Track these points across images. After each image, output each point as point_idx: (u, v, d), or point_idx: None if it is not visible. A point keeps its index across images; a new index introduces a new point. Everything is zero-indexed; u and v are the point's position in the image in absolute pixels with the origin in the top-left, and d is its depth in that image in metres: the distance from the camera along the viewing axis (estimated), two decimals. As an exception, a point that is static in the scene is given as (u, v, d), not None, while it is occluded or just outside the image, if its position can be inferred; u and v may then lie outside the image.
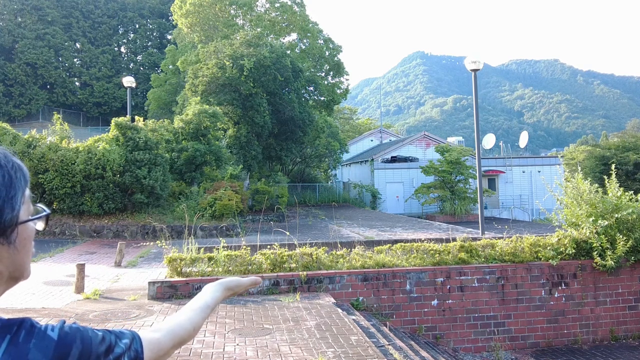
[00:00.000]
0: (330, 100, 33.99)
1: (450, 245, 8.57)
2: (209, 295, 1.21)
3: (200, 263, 7.71)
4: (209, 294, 1.21)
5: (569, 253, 8.61)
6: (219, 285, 1.25)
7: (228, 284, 1.27)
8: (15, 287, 3.44)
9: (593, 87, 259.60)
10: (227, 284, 1.26)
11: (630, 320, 8.78)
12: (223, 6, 32.54)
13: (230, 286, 1.27)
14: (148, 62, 48.09)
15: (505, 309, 8.33)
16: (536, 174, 33.03)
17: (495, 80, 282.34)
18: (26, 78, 41.97)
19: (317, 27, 33.85)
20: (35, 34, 42.58)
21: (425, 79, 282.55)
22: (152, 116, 30.15)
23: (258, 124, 24.75)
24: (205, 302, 1.18)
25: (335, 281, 7.73)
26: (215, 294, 1.22)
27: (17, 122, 38.45)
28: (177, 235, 14.88)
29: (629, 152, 26.97)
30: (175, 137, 19.95)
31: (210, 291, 1.22)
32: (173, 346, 1.04)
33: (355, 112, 66.20)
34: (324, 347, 5.14)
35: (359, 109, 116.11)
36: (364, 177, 35.13)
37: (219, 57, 24.56)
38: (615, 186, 9.19)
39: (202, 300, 1.18)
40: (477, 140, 15.00)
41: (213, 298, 1.20)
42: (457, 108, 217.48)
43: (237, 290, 1.29)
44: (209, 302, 1.18)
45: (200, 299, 1.19)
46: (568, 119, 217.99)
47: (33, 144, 16.62)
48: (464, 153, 27.09)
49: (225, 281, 1.27)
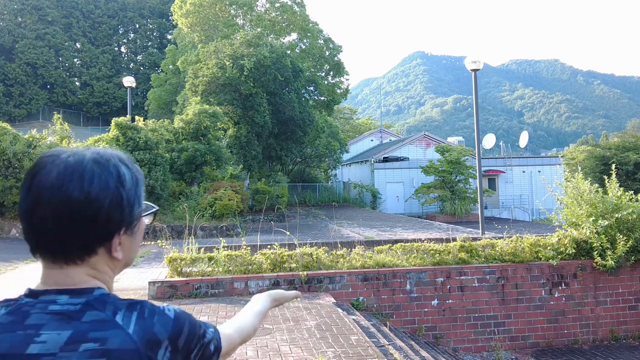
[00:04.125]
0: (330, 100, 34.01)
1: (451, 245, 8.57)
2: (261, 304, 1.36)
3: (200, 263, 7.71)
4: (261, 303, 1.37)
5: (569, 253, 8.60)
6: (267, 296, 1.40)
7: (275, 295, 1.42)
8: (16, 286, 3.50)
9: (593, 87, 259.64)
10: (274, 295, 1.42)
11: (631, 320, 8.78)
12: (223, 6, 32.55)
13: (276, 297, 1.42)
14: (148, 62, 48.11)
15: (505, 308, 8.32)
16: (536, 174, 33.02)
17: (496, 80, 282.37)
18: (26, 78, 41.99)
19: (317, 27, 33.85)
20: (35, 34, 42.59)
21: (426, 79, 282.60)
22: (152, 116, 30.16)
23: (258, 124, 24.76)
24: (259, 309, 1.34)
25: (336, 281, 7.73)
26: (265, 303, 1.37)
27: (17, 122, 38.45)
28: (177, 235, 14.87)
29: (629, 152, 26.97)
30: (175, 137, 19.95)
31: (261, 301, 1.37)
32: (239, 343, 1.20)
33: (356, 112, 66.20)
34: (324, 347, 5.14)
35: (359, 109, 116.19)
36: (364, 177, 35.13)
37: (219, 57, 24.56)
38: (616, 186, 9.18)
39: (257, 307, 1.34)
40: (477, 140, 15.00)
41: (264, 307, 1.36)
42: (457, 108, 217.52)
43: (281, 302, 1.44)
44: (262, 310, 1.34)
45: (255, 306, 1.34)
46: (568, 119, 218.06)
47: (33, 144, 16.63)
48: (464, 153, 27.08)
49: (272, 292, 1.42)
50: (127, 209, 0.94)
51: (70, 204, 0.88)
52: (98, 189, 0.90)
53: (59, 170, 0.90)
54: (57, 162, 0.91)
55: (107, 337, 0.85)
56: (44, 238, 0.90)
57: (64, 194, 0.88)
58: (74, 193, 0.88)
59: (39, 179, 0.90)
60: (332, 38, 34.23)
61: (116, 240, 0.94)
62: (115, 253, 0.95)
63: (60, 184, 0.88)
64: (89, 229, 0.90)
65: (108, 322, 0.87)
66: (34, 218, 0.89)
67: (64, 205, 0.88)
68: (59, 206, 0.88)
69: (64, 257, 0.91)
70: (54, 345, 0.84)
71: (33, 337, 0.85)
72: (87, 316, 0.87)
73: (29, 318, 0.88)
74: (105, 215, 0.90)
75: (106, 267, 0.96)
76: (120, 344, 0.85)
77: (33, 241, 0.92)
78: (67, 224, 0.88)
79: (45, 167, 0.91)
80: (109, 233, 0.92)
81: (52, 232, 0.89)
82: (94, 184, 0.90)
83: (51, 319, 0.87)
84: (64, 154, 0.93)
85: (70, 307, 0.88)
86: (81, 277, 0.92)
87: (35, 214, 0.89)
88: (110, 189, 0.91)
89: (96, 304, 0.90)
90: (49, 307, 0.89)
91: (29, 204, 0.90)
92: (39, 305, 0.89)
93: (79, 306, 0.89)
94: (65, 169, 0.90)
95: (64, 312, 0.88)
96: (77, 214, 0.88)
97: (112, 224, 0.92)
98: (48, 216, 0.88)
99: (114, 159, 0.96)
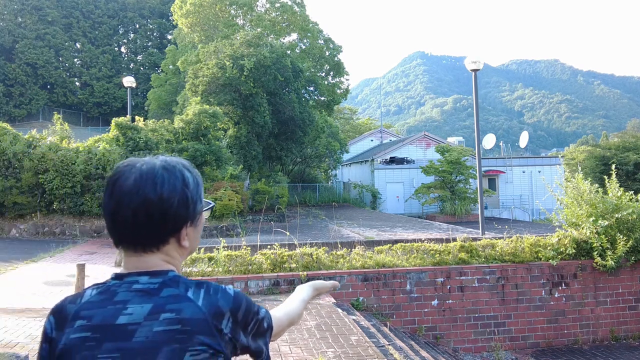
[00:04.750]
0: (330, 100, 33.98)
1: (451, 245, 8.56)
2: (305, 292, 1.53)
3: (200, 263, 7.71)
4: (305, 291, 1.53)
5: (569, 253, 8.60)
6: (309, 287, 1.57)
7: (315, 285, 1.59)
8: (16, 287, 3.47)
9: (593, 87, 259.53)
10: (315, 285, 1.59)
11: (631, 321, 8.78)
12: (223, 6, 32.54)
13: (317, 287, 1.59)
14: (148, 62, 48.09)
15: (505, 309, 8.32)
16: (536, 174, 33.01)
17: (496, 80, 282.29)
18: (26, 78, 41.97)
19: (317, 27, 33.83)
20: (35, 34, 42.57)
21: (426, 79, 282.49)
22: (153, 116, 30.15)
23: (258, 124, 24.75)
24: (303, 297, 1.51)
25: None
26: (308, 292, 1.54)
27: (17, 122, 38.44)
28: (178, 235, 14.84)
29: (629, 152, 26.96)
30: (175, 137, 19.94)
31: (304, 290, 1.54)
32: (287, 325, 1.38)
33: (356, 112, 66.16)
34: (324, 347, 5.14)
35: (359, 109, 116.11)
36: (364, 177, 35.12)
37: (219, 57, 24.55)
38: (616, 186, 9.18)
39: (301, 295, 1.51)
40: (477, 140, 15.00)
41: (307, 295, 1.53)
42: (457, 108, 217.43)
43: (322, 291, 1.60)
44: (306, 298, 1.51)
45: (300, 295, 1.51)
46: (568, 119, 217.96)
47: (33, 144, 16.62)
48: (464, 153, 27.07)
49: (313, 283, 1.60)
50: (192, 206, 1.13)
51: (147, 205, 1.07)
52: (168, 191, 1.09)
53: (135, 177, 1.09)
54: (133, 170, 1.11)
55: (181, 309, 1.04)
56: (127, 233, 1.09)
57: (141, 197, 1.07)
58: (150, 195, 1.07)
59: (119, 185, 1.09)
60: (332, 38, 34.21)
61: (184, 232, 1.13)
62: (184, 242, 1.14)
63: (137, 189, 1.07)
64: (163, 224, 1.09)
65: (181, 297, 1.06)
66: (118, 218, 1.08)
67: (142, 206, 1.07)
68: (138, 207, 1.07)
69: (143, 247, 1.11)
70: (139, 316, 1.03)
71: (121, 310, 1.04)
72: (164, 292, 1.07)
73: (116, 296, 1.07)
74: (175, 212, 1.09)
75: (176, 253, 1.15)
76: (192, 314, 1.04)
77: (117, 236, 1.11)
78: (145, 221, 1.07)
79: (124, 174, 1.10)
80: (178, 226, 1.11)
81: (133, 228, 1.08)
82: (165, 187, 1.09)
83: (135, 296, 1.06)
84: (138, 163, 1.12)
85: (150, 285, 1.08)
86: (156, 262, 1.12)
87: (118, 214, 1.08)
88: (178, 190, 1.10)
89: (170, 282, 1.09)
90: (133, 286, 1.08)
91: (112, 207, 1.09)
92: (124, 285, 1.09)
93: (157, 285, 1.08)
94: (140, 175, 1.09)
95: (145, 290, 1.07)
96: (153, 212, 1.07)
97: (180, 218, 1.11)
98: (129, 216, 1.07)
99: (178, 165, 1.15)
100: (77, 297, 1.11)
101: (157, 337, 1.01)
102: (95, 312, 1.04)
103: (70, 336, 1.03)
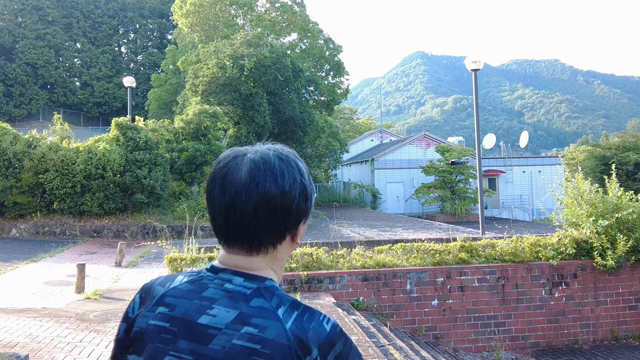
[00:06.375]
0: (330, 100, 33.97)
1: (451, 245, 8.56)
2: None
3: (200, 263, 7.71)
4: None
5: (569, 253, 8.60)
6: None
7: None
8: (16, 286, 3.48)
9: (593, 87, 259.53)
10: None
11: (631, 320, 8.78)
12: (223, 6, 32.53)
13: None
14: (148, 62, 48.07)
15: (505, 309, 8.32)
16: (536, 174, 33.01)
17: (496, 80, 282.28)
18: (26, 78, 41.96)
19: (317, 27, 33.83)
20: (35, 34, 42.56)
21: (426, 79, 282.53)
22: (153, 116, 30.13)
23: (258, 124, 24.76)
24: None
25: (336, 281, 7.73)
26: None
27: (17, 122, 38.43)
28: (178, 235, 14.87)
29: (629, 152, 26.93)
30: (175, 137, 19.95)
31: None
32: None
33: (356, 112, 66.17)
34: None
35: (359, 109, 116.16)
36: (365, 177, 35.12)
37: (219, 57, 24.55)
38: (616, 186, 9.18)
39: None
40: (478, 140, 15.00)
41: None
42: (457, 108, 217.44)
43: None
44: None
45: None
46: (568, 119, 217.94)
47: (33, 144, 16.63)
48: (464, 153, 27.07)
49: None
50: (310, 197, 1.04)
51: (269, 199, 0.96)
52: (290, 183, 0.99)
53: (250, 168, 0.98)
54: (244, 161, 0.99)
55: (266, 326, 0.92)
56: (244, 232, 0.99)
57: (262, 190, 0.96)
58: (272, 189, 0.96)
59: (232, 178, 0.98)
60: (332, 38, 34.21)
61: (302, 227, 1.04)
62: (298, 239, 1.05)
63: (257, 182, 0.96)
64: (284, 219, 0.99)
65: (270, 312, 0.94)
66: (233, 215, 0.97)
67: (263, 201, 0.96)
68: (259, 202, 0.96)
69: (259, 246, 1.00)
70: (222, 320, 0.93)
71: (206, 308, 0.95)
72: (254, 301, 0.95)
73: (206, 290, 0.98)
74: (297, 206, 1.00)
75: (285, 253, 1.05)
76: (275, 336, 0.91)
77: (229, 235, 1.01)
78: (268, 217, 0.97)
79: (235, 166, 0.99)
80: (298, 221, 1.02)
81: (252, 225, 0.97)
82: (286, 179, 0.98)
83: (224, 296, 0.96)
84: (248, 153, 1.01)
85: (243, 289, 0.97)
86: (260, 265, 1.01)
87: (234, 211, 0.97)
88: (297, 181, 1.00)
89: (265, 292, 0.97)
90: (225, 284, 0.98)
91: (227, 202, 0.98)
92: (217, 280, 0.99)
93: (250, 290, 0.97)
94: (256, 167, 0.98)
95: (236, 293, 0.96)
96: (276, 207, 0.97)
97: (301, 212, 1.02)
98: (249, 212, 0.96)
99: (290, 154, 1.04)
100: (167, 280, 1.05)
101: (234, 350, 0.90)
102: (180, 303, 0.97)
103: (149, 321, 0.97)
